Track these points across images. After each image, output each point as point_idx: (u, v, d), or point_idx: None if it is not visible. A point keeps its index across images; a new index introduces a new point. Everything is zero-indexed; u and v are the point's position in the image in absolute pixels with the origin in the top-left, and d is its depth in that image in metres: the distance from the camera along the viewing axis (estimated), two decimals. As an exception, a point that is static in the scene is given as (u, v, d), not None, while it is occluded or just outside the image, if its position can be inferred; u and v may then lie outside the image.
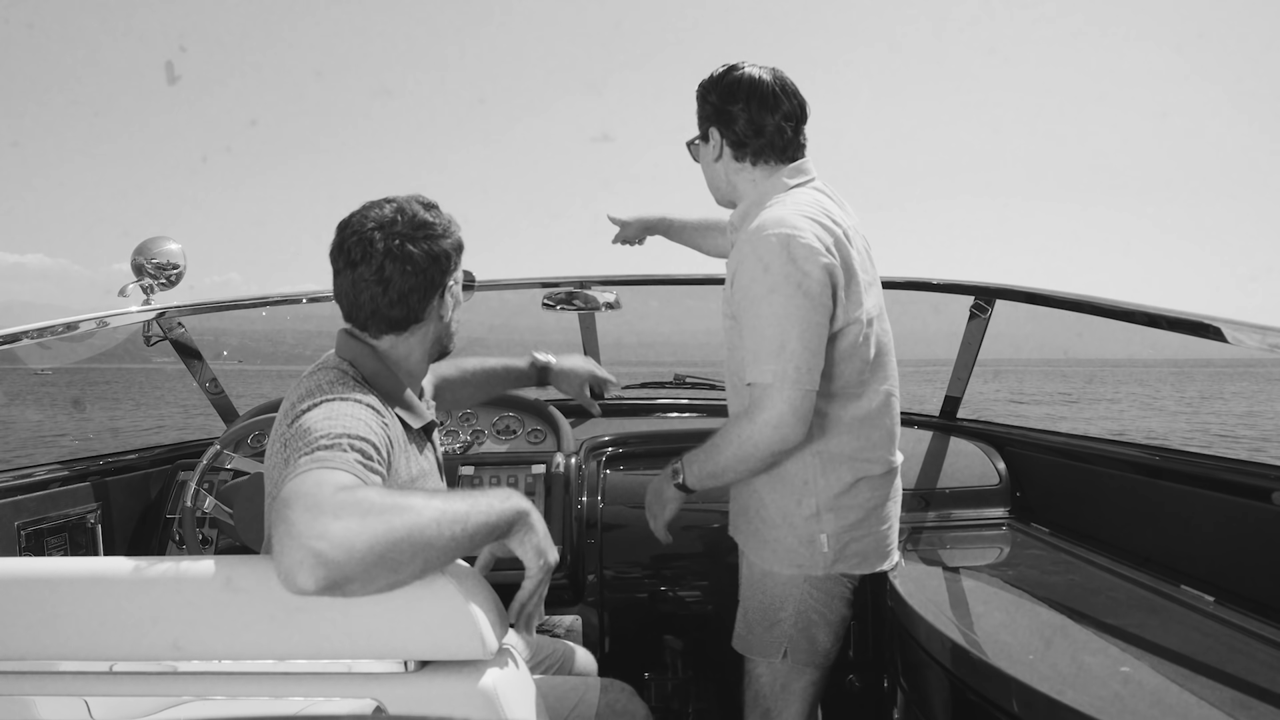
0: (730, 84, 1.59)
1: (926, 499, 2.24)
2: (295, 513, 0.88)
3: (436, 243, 1.28)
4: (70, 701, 0.92)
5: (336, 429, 1.06)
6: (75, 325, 2.23)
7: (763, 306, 1.45)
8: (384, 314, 1.28)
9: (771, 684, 1.63)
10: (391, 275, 1.25)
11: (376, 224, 1.25)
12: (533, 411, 2.56)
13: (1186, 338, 1.76)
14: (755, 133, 1.59)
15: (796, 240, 1.45)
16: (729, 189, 1.67)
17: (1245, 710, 1.04)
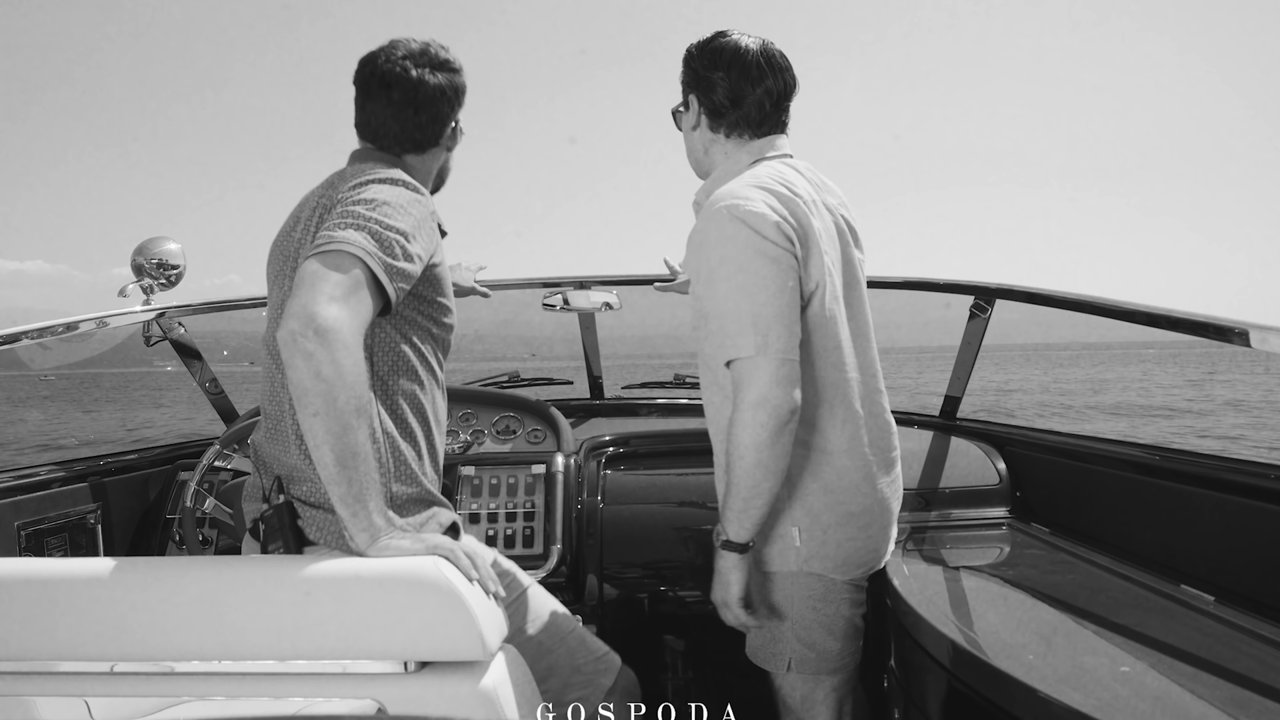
0: (714, 50, 1.52)
1: (926, 499, 2.24)
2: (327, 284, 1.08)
3: (455, 76, 1.47)
4: (70, 701, 0.92)
5: (395, 219, 1.22)
6: (75, 325, 2.23)
7: (724, 281, 1.36)
8: (410, 135, 1.44)
9: (792, 695, 1.58)
10: (423, 99, 1.42)
11: (406, 54, 1.42)
12: (533, 411, 2.56)
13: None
14: (733, 103, 1.51)
15: (744, 208, 1.37)
16: (705, 160, 1.59)
17: (1245, 710, 1.04)
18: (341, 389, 1.06)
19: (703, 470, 2.40)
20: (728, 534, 1.42)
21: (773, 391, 1.32)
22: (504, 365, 3.01)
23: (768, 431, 1.33)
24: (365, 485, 1.10)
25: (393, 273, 1.17)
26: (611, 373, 3.02)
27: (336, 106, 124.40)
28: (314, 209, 1.34)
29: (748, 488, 1.37)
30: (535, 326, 3.02)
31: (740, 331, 1.34)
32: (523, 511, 2.26)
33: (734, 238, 1.36)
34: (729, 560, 1.43)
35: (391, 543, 1.09)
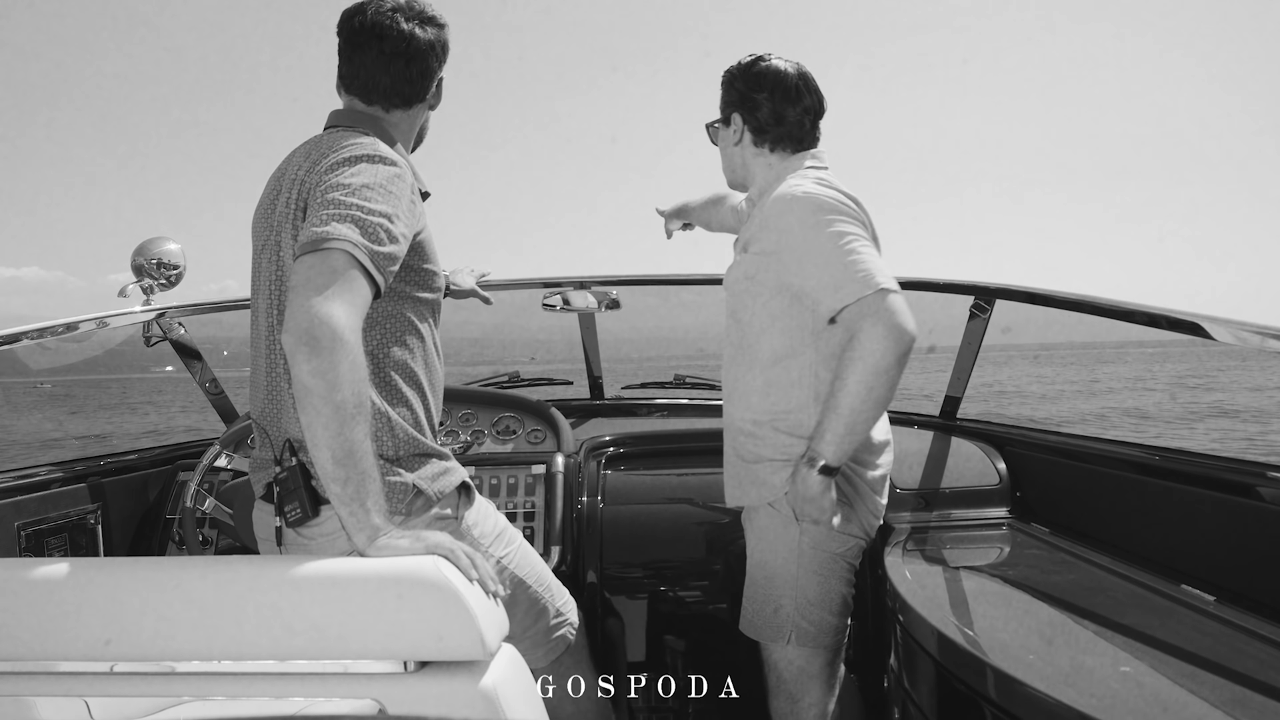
0: (757, 74, 1.71)
1: (926, 499, 2.24)
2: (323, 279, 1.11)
3: (440, 31, 1.45)
4: (70, 701, 0.92)
5: (377, 202, 1.22)
6: (75, 326, 2.23)
7: (822, 243, 1.54)
8: (400, 89, 1.43)
9: (789, 668, 1.69)
10: (412, 52, 1.41)
11: (394, 7, 1.40)
12: (533, 411, 2.56)
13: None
14: (776, 121, 1.71)
15: (826, 190, 1.60)
16: (744, 172, 1.79)
17: (1246, 710, 1.04)
18: (341, 389, 1.08)
19: (703, 470, 2.40)
20: (826, 458, 1.55)
21: (900, 319, 1.49)
22: (503, 369, 3.01)
23: (893, 357, 1.48)
24: (363, 484, 1.11)
25: (380, 259, 1.19)
26: (611, 375, 3.02)
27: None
28: (294, 183, 1.33)
29: (858, 413, 1.52)
30: (534, 330, 3.02)
31: (855, 277, 1.51)
32: (523, 511, 2.26)
33: (821, 209, 1.57)
34: (823, 483, 1.57)
35: (391, 542, 1.10)
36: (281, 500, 1.30)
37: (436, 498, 1.37)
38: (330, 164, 1.28)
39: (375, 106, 1.44)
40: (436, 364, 1.48)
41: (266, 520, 1.38)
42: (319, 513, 1.28)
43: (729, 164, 1.81)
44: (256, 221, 1.43)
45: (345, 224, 1.17)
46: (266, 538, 1.39)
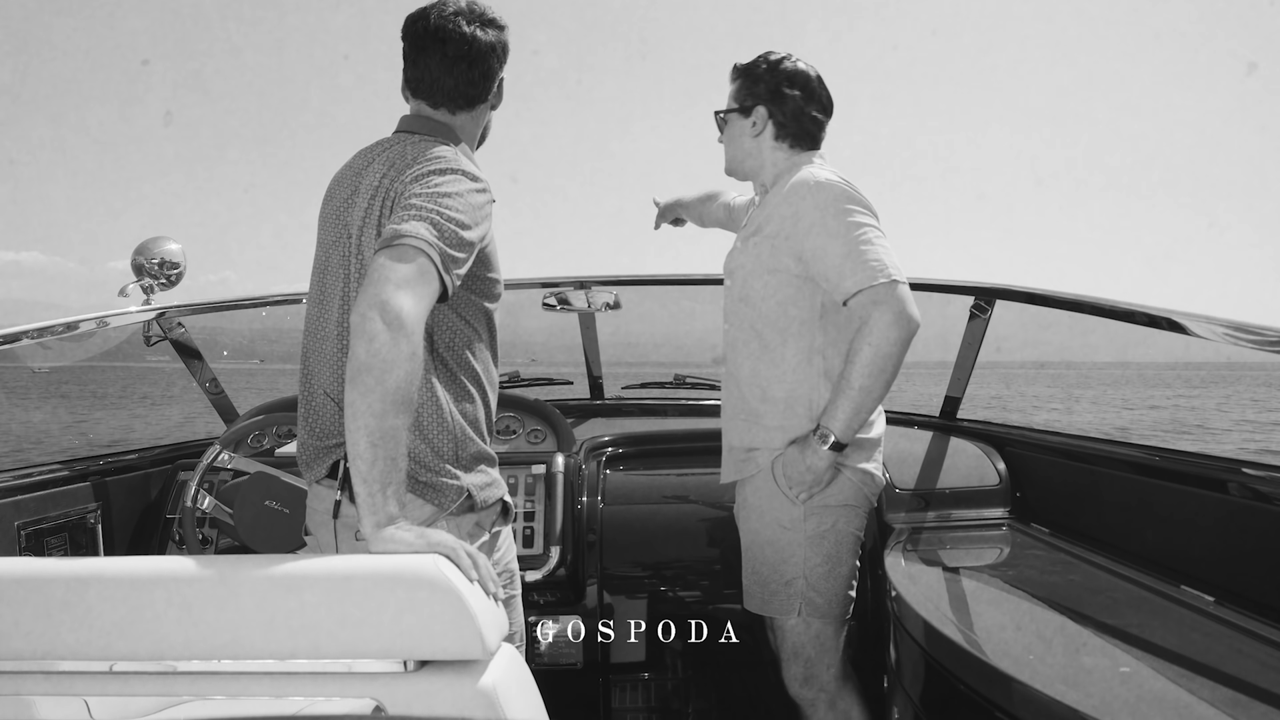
0: (788, 72, 1.80)
1: (926, 499, 2.24)
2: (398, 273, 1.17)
3: (501, 34, 1.48)
4: (70, 701, 0.92)
5: (455, 210, 1.28)
6: (75, 325, 2.23)
7: (842, 230, 1.65)
8: (464, 90, 1.46)
9: (806, 635, 1.76)
10: (475, 54, 1.44)
11: (456, 11, 1.44)
12: (533, 411, 2.56)
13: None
14: (797, 118, 1.80)
15: (846, 182, 1.71)
16: (754, 162, 1.86)
17: (1245, 710, 1.04)
18: (394, 371, 1.13)
19: (703, 470, 2.40)
20: (836, 434, 1.66)
21: (909, 310, 1.62)
22: (505, 367, 3.01)
23: (899, 344, 1.61)
24: (389, 472, 1.14)
25: (450, 262, 1.25)
26: (611, 373, 3.02)
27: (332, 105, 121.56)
28: (375, 191, 1.39)
29: (867, 393, 1.63)
30: (533, 331, 3.02)
31: (868, 265, 1.62)
32: (523, 511, 2.26)
33: (842, 198, 1.68)
34: (828, 458, 1.68)
35: (397, 534, 1.11)
36: (350, 478, 1.32)
37: (481, 506, 1.43)
38: (416, 174, 1.34)
39: (442, 110, 1.49)
40: (494, 370, 1.54)
41: (324, 494, 1.44)
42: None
43: (739, 154, 1.87)
44: (326, 217, 1.48)
45: (422, 224, 1.24)
46: (322, 510, 1.43)
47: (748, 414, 1.81)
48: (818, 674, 1.78)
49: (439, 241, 1.23)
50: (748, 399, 1.81)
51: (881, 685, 1.89)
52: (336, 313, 1.43)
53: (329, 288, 1.46)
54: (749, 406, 1.81)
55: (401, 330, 1.14)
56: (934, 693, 1.45)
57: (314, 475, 1.46)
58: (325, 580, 0.92)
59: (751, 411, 1.80)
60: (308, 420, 1.46)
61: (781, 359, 1.76)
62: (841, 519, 1.76)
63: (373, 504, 1.13)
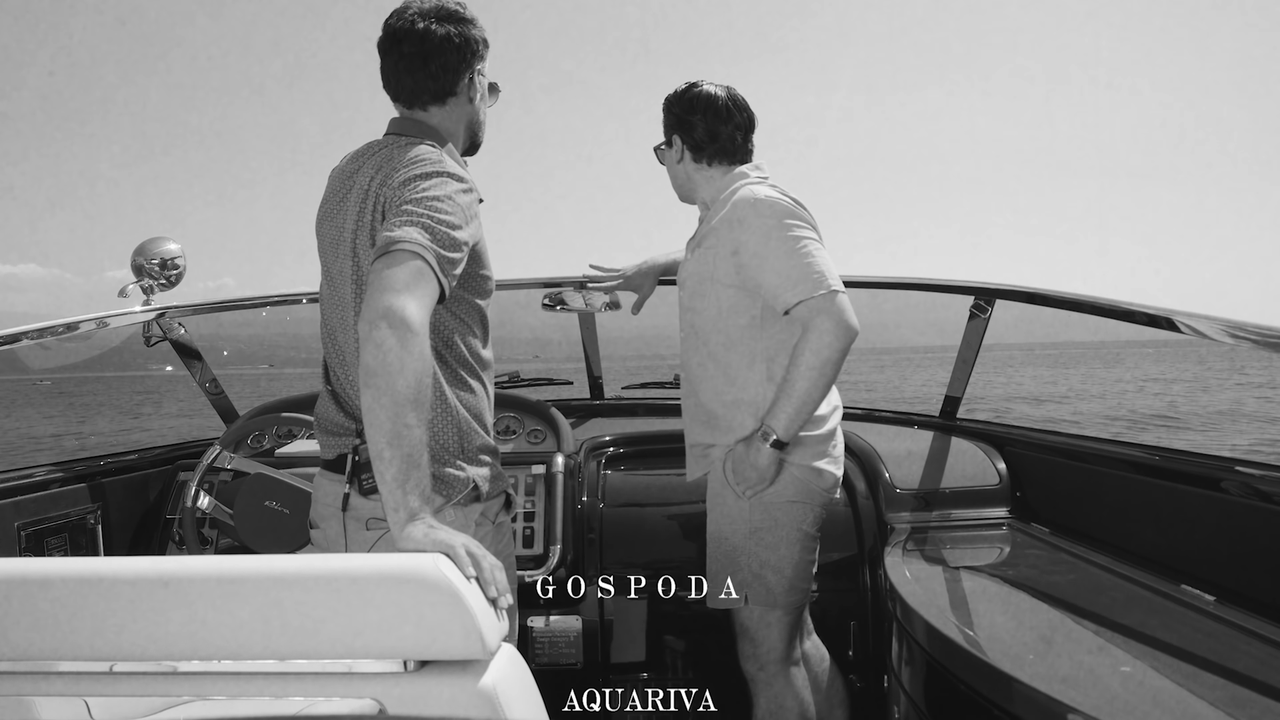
0: (690, 99, 1.91)
1: (926, 499, 2.24)
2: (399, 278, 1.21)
3: (464, 27, 1.51)
4: (70, 701, 0.92)
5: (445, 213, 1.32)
6: (75, 325, 2.23)
7: (782, 244, 1.73)
8: (425, 86, 1.50)
9: (751, 618, 1.86)
10: (429, 50, 1.47)
11: (417, 13, 1.48)
12: (533, 411, 2.56)
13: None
14: (710, 139, 1.90)
15: (781, 197, 1.80)
16: (689, 186, 1.98)
17: (1245, 710, 1.04)
18: (405, 375, 1.17)
19: (703, 470, 2.40)
20: (778, 433, 1.75)
21: (847, 319, 1.71)
22: (505, 367, 3.01)
23: (839, 351, 1.71)
24: (409, 470, 1.18)
25: (446, 263, 1.29)
26: (611, 372, 3.02)
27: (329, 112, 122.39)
28: (365, 194, 1.43)
29: (808, 396, 1.72)
30: (534, 329, 3.02)
31: (810, 277, 1.71)
32: (523, 511, 2.26)
33: (782, 214, 1.76)
34: (772, 455, 1.77)
35: (421, 532, 1.15)
36: (359, 469, 1.42)
37: (487, 497, 1.49)
38: (404, 179, 1.38)
39: (415, 109, 1.53)
40: (491, 365, 1.58)
41: (332, 488, 1.48)
42: (368, 491, 1.40)
43: (675, 180, 2.00)
44: (322, 219, 1.53)
45: (415, 229, 1.28)
46: (330, 503, 1.47)
47: (702, 415, 1.91)
48: (758, 654, 1.86)
49: (434, 245, 1.27)
50: (701, 401, 1.91)
51: (882, 685, 1.89)
52: (349, 315, 1.47)
53: (338, 290, 1.50)
54: (702, 408, 1.91)
55: (408, 333, 1.18)
56: (934, 692, 1.45)
57: (324, 460, 1.52)
58: (325, 580, 0.92)
59: (705, 412, 1.90)
60: (320, 409, 1.54)
61: (728, 364, 1.86)
62: (786, 514, 1.84)
63: (395, 501, 1.16)
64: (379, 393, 1.16)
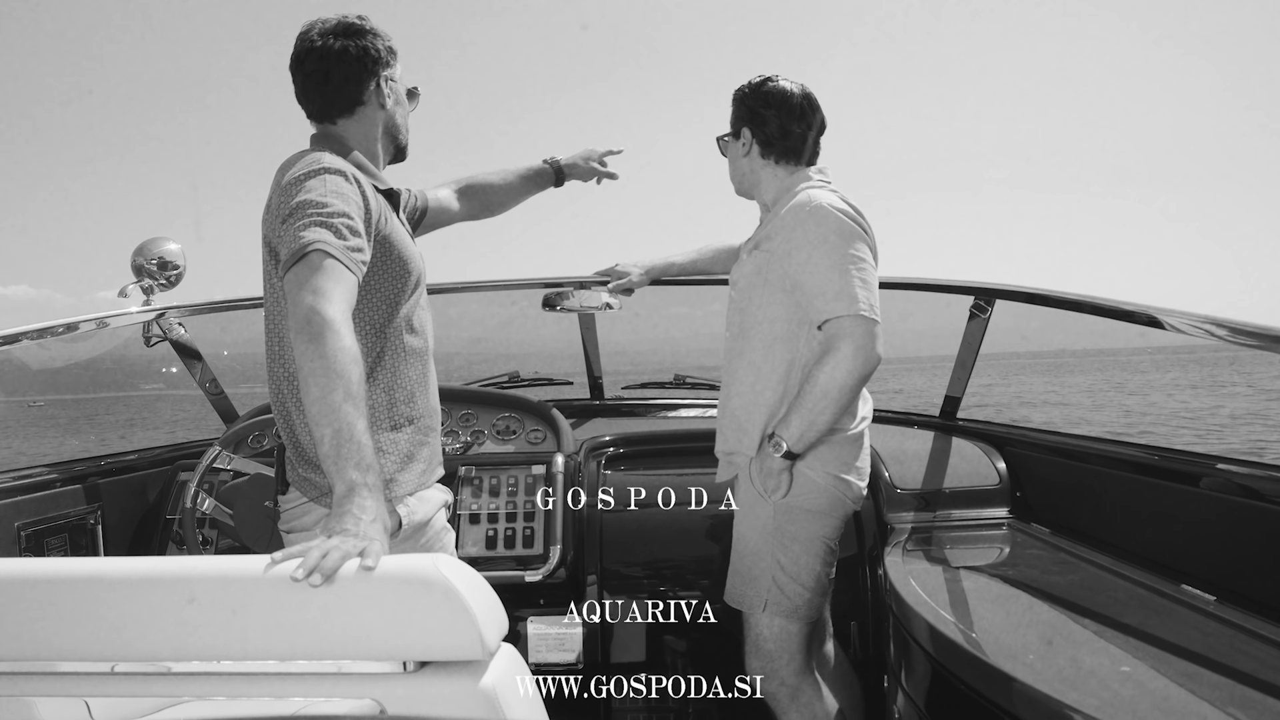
0: (765, 93, 1.88)
1: (926, 499, 2.24)
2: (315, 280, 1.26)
3: (362, 39, 1.54)
4: (70, 701, 0.92)
5: (334, 205, 1.36)
6: (75, 326, 2.23)
7: (831, 255, 1.71)
8: (331, 100, 1.54)
9: (768, 630, 1.83)
10: (328, 67, 1.52)
11: (318, 31, 1.53)
12: (533, 411, 2.56)
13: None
14: (782, 136, 1.87)
15: (843, 207, 1.77)
16: (751, 181, 1.95)
17: (1246, 710, 1.04)
18: (336, 370, 1.21)
19: (703, 470, 2.40)
20: (789, 444, 1.74)
21: (872, 346, 1.69)
22: (503, 368, 3.01)
23: (857, 377, 1.69)
24: (360, 456, 1.19)
25: (350, 253, 1.34)
26: (611, 373, 3.02)
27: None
28: (269, 202, 1.47)
29: (820, 414, 1.71)
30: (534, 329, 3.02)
31: (847, 294, 1.69)
32: (523, 512, 2.26)
33: (841, 226, 1.74)
34: (782, 463, 1.76)
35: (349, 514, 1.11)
36: (285, 466, 1.54)
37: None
38: (287, 183, 1.42)
39: (325, 123, 1.57)
40: (428, 338, 1.64)
41: None
42: (286, 491, 1.54)
43: (737, 173, 1.97)
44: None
45: (314, 229, 1.33)
46: None
47: (734, 420, 1.89)
48: (777, 669, 1.84)
49: (334, 239, 1.33)
50: (734, 405, 1.90)
51: (881, 685, 1.89)
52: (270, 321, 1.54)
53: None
54: (734, 412, 1.89)
55: (330, 329, 1.23)
56: (934, 692, 1.45)
57: None
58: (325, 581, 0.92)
59: (736, 417, 1.89)
60: None
61: (767, 369, 1.84)
62: (810, 523, 1.82)
63: (332, 477, 1.18)
64: (318, 390, 1.21)
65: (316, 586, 0.90)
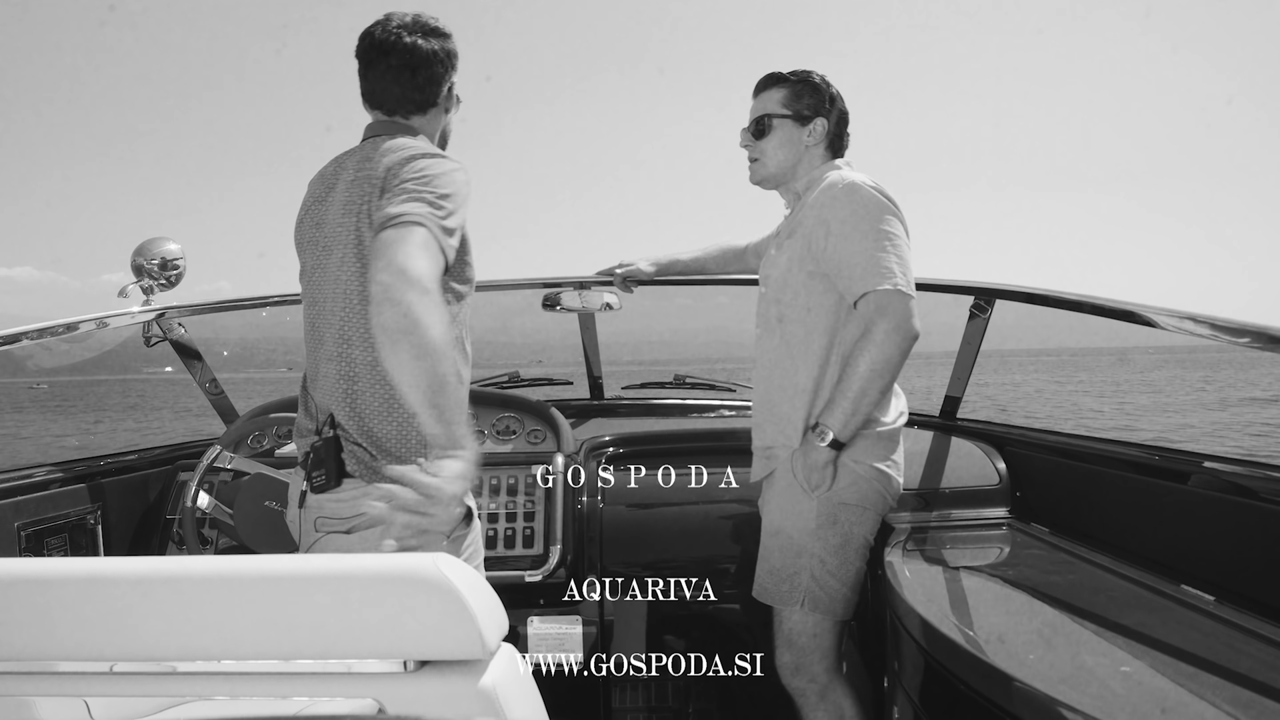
0: (837, 91, 1.93)
1: (926, 499, 2.24)
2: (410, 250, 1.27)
3: (445, 41, 1.58)
4: (70, 701, 0.92)
5: (448, 188, 1.39)
6: (75, 325, 2.23)
7: (863, 230, 1.72)
8: (410, 96, 1.55)
9: (802, 626, 1.83)
10: (418, 63, 1.53)
11: (400, 25, 1.53)
12: (533, 411, 2.56)
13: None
14: (840, 131, 1.93)
15: (883, 188, 1.78)
16: (794, 168, 1.93)
17: (1246, 710, 1.04)
18: (431, 329, 1.21)
19: (702, 470, 2.40)
20: (835, 433, 1.74)
21: (909, 321, 1.70)
22: (503, 368, 3.01)
23: (898, 353, 1.69)
24: (455, 413, 1.24)
25: (445, 234, 1.35)
26: (611, 372, 3.02)
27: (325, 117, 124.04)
28: (353, 184, 1.46)
29: (864, 396, 1.71)
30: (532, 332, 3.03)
31: (883, 271, 1.69)
32: (523, 511, 2.26)
33: (875, 203, 1.75)
34: (829, 454, 1.76)
35: (452, 464, 1.21)
36: (312, 466, 1.47)
37: None
38: (398, 159, 1.43)
39: (396, 116, 1.57)
40: (469, 349, 1.63)
41: (297, 483, 1.54)
42: (341, 483, 1.45)
43: (785, 159, 1.92)
44: (302, 219, 1.56)
45: (418, 202, 1.34)
46: (295, 499, 1.55)
47: (772, 413, 1.88)
48: (808, 665, 1.83)
49: (435, 215, 1.33)
50: (773, 399, 1.88)
51: (881, 685, 1.89)
52: (338, 313, 1.49)
53: (322, 287, 1.52)
54: (773, 406, 1.88)
55: (423, 289, 1.22)
56: (934, 692, 1.45)
57: (299, 459, 1.57)
58: (325, 580, 0.92)
59: (775, 410, 1.87)
60: (300, 410, 1.60)
61: (808, 359, 1.83)
62: (854, 518, 1.82)
63: (436, 440, 1.23)
64: (408, 351, 1.20)
65: None
